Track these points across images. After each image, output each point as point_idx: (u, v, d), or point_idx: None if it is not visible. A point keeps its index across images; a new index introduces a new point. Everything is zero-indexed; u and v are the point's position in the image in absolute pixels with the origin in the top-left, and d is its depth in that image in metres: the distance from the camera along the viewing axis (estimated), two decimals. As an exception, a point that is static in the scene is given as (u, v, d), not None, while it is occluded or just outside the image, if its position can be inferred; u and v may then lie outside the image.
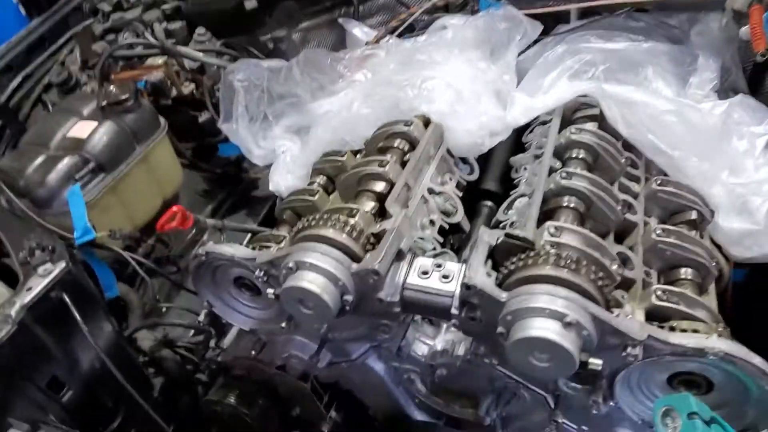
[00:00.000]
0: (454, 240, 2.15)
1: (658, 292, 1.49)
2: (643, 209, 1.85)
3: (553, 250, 1.39)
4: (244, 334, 2.03)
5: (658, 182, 1.86)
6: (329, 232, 1.54)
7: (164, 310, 2.36)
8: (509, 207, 1.95)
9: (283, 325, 1.68)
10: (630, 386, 1.47)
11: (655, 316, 1.43)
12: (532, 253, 1.39)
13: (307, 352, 1.84)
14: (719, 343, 1.27)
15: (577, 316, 1.25)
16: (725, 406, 1.40)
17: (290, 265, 1.49)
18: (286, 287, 1.48)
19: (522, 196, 1.93)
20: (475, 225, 2.14)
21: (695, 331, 1.36)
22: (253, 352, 1.91)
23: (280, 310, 1.77)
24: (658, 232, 1.68)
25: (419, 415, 1.98)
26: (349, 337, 1.76)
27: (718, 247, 1.80)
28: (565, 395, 1.56)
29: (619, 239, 1.79)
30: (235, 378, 2.12)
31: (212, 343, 2.10)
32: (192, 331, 2.27)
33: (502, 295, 1.35)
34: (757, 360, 1.25)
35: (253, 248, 1.77)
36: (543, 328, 1.25)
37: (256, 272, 1.61)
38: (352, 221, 1.58)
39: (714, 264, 1.67)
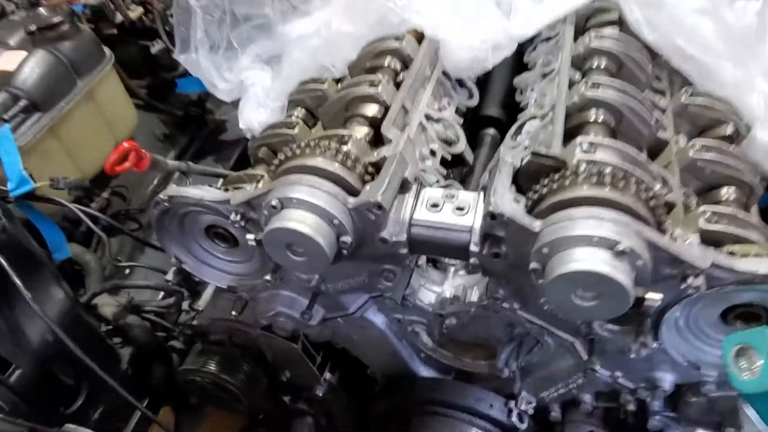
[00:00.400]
0: (455, 174, 1.90)
1: (707, 215, 1.28)
2: (673, 126, 1.63)
3: (591, 166, 1.15)
4: (221, 293, 1.77)
5: (689, 93, 1.63)
6: (318, 161, 1.27)
7: (127, 271, 2.07)
8: (518, 132, 1.71)
9: (268, 277, 1.42)
10: (677, 325, 1.27)
11: (703, 241, 1.22)
12: (567, 172, 1.15)
13: (296, 308, 1.59)
14: (794, 267, 1.07)
15: (630, 242, 1.02)
16: (786, 340, 1.22)
17: (273, 203, 1.22)
18: (269, 230, 1.21)
19: (533, 118, 1.68)
20: (479, 156, 1.89)
21: (757, 255, 1.15)
22: (234, 313, 1.66)
23: (263, 262, 1.51)
24: (696, 147, 1.46)
25: (425, 371, 1.78)
26: (345, 287, 1.52)
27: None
28: (600, 339, 1.36)
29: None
30: (214, 343, 1.87)
31: (185, 305, 1.84)
32: (161, 294, 1.99)
33: (535, 224, 1.11)
34: (839, 284, 1.06)
35: (226, 191, 1.48)
36: (590, 260, 1.02)
37: (231, 217, 1.34)
38: (344, 148, 1.30)
39: (759, 181, 1.47)
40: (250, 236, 1.31)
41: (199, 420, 2.21)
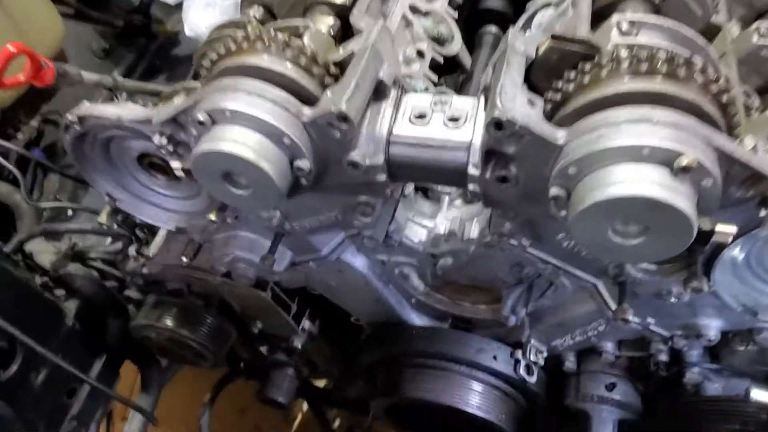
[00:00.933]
0: (448, 83, 1.56)
1: (781, 117, 0.97)
2: (726, 8, 1.27)
3: (638, 50, 0.82)
4: (174, 236, 1.48)
5: (748, -34, 1.26)
6: (263, 60, 0.93)
7: (70, 213, 1.77)
8: (527, 25, 1.36)
9: (213, 217, 1.13)
10: (734, 263, 0.99)
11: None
12: (603, 59, 0.82)
13: (256, 251, 1.31)
14: None
15: (697, 154, 0.71)
16: None
17: (200, 117, 0.90)
18: (197, 154, 0.90)
19: (546, 6, 1.33)
20: (478, 59, 1.55)
21: None
22: (184, 259, 1.38)
23: (213, 198, 1.21)
24: (761, 32, 1.12)
25: (417, 319, 1.53)
26: (314, 225, 1.22)
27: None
28: (633, 281, 1.09)
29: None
30: (171, 293, 1.60)
31: (131, 250, 1.56)
32: (109, 238, 1.71)
33: (559, 135, 0.80)
34: None
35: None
36: (639, 181, 0.72)
37: (155, 139, 1.03)
38: (298, 42, 0.96)
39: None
40: (176, 164, 0.99)
41: (169, 373, 1.99)
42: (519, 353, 1.40)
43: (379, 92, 0.96)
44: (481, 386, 1.42)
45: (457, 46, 1.39)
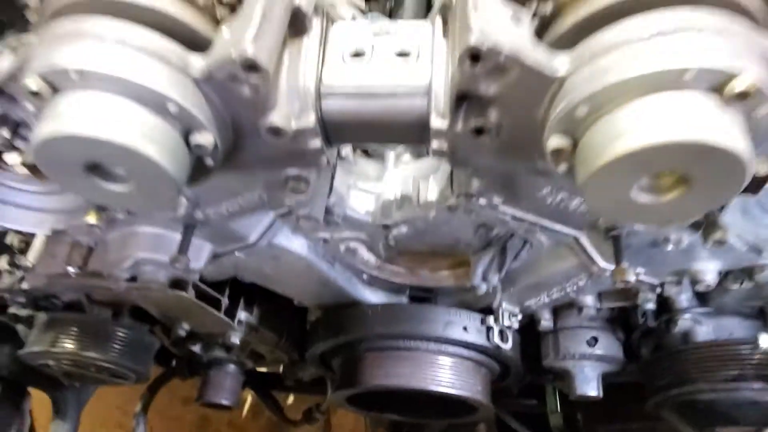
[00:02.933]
0: (374, 9, 1.29)
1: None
2: None
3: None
4: (55, 238, 1.16)
5: None
6: (117, -8, 0.63)
7: None
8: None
9: (92, 220, 0.84)
10: (745, 203, 0.84)
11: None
12: (605, -47, 0.59)
13: (164, 249, 1.03)
14: None
15: (755, 74, 0.52)
16: None
17: (31, 85, 0.60)
18: (37, 142, 0.60)
19: None
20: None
21: None
22: (71, 269, 1.07)
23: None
24: None
25: (372, 296, 1.32)
26: (234, 210, 0.96)
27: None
28: (628, 233, 0.92)
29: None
30: (68, 307, 1.29)
31: (3, 262, 1.22)
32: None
33: (558, 63, 0.58)
34: None
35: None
36: (683, 121, 0.52)
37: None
38: (169, -39, 0.66)
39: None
40: (13, 158, 0.69)
41: (88, 390, 1.70)
42: (491, 319, 1.24)
43: (296, 25, 0.69)
44: (452, 361, 1.25)
45: (383, -38, 1.12)
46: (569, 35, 0.59)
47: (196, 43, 0.64)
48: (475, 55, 0.57)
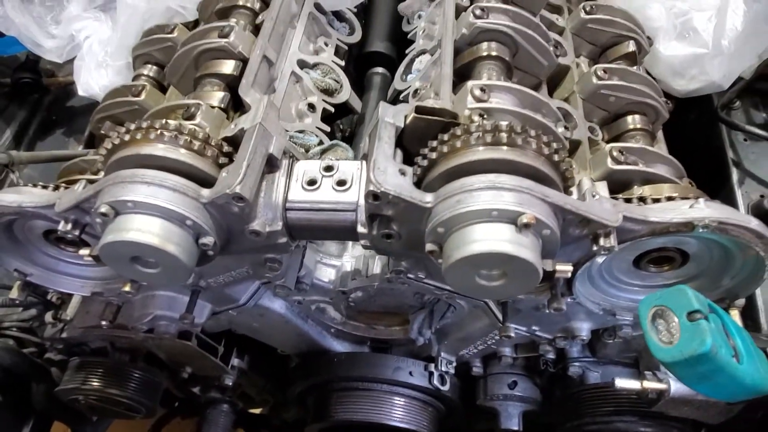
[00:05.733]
0: (345, 125, 1.68)
1: (614, 153, 1.16)
2: (572, 48, 1.47)
3: (484, 122, 0.97)
4: (89, 299, 1.50)
5: (587, 9, 1.47)
6: (157, 149, 1.00)
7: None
8: (407, 70, 1.49)
9: (127, 289, 1.18)
10: (590, 276, 1.17)
11: (611, 184, 1.10)
12: (457, 131, 0.96)
13: (176, 308, 1.37)
14: (707, 210, 0.97)
15: (534, 211, 0.87)
16: (698, 278, 1.15)
17: (103, 209, 0.96)
18: (103, 244, 0.96)
19: (423, 53, 1.47)
20: (368, 101, 1.67)
21: (669, 198, 1.05)
22: (104, 322, 1.41)
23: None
24: (598, 73, 1.32)
25: (339, 345, 1.64)
26: (228, 280, 1.31)
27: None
28: (514, 300, 1.25)
29: (549, 90, 1.42)
30: (95, 352, 1.62)
31: (48, 316, 1.56)
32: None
33: (427, 199, 0.94)
34: (753, 224, 0.97)
35: (57, 187, 1.19)
36: (491, 239, 0.87)
37: (61, 226, 1.07)
38: (190, 126, 1.04)
39: (663, 102, 1.36)
40: (84, 252, 1.04)
41: (104, 424, 2.00)
42: (432, 366, 1.55)
43: (271, 165, 1.06)
44: (402, 400, 1.55)
45: (346, 94, 1.51)
46: (436, 182, 0.95)
47: (205, 180, 1.01)
48: (374, 195, 0.93)
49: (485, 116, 1.03)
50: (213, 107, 1.16)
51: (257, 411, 2.36)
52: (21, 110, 2.02)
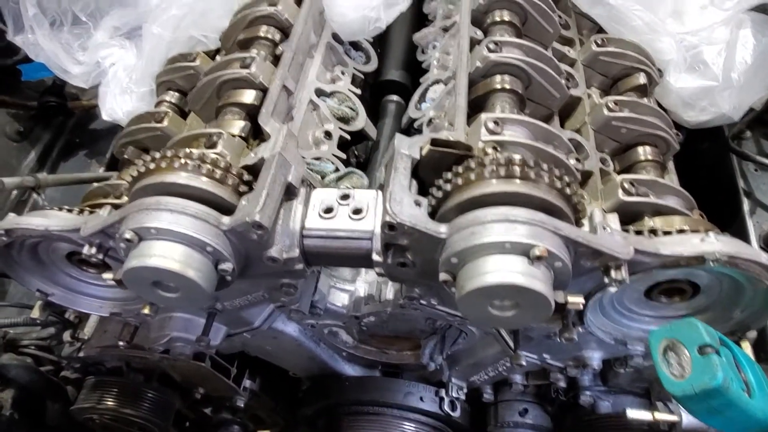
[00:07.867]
0: (360, 151, 1.72)
1: (625, 185, 1.18)
2: (584, 79, 1.50)
3: (498, 155, 1.00)
4: (107, 319, 1.53)
5: (598, 42, 1.50)
6: (180, 177, 1.04)
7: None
8: (422, 99, 1.53)
9: (147, 311, 1.21)
10: (601, 306, 1.19)
11: (622, 215, 1.11)
12: (471, 163, 0.99)
13: (192, 330, 1.40)
14: (718, 244, 0.99)
15: (546, 244, 0.89)
16: (709, 310, 1.16)
17: (127, 235, 0.99)
18: (127, 269, 0.99)
19: (437, 82, 1.50)
20: (383, 128, 1.71)
21: (680, 231, 1.06)
22: (122, 343, 1.44)
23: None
24: (610, 105, 1.35)
25: (350, 369, 1.65)
26: (244, 304, 1.33)
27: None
28: (525, 328, 1.27)
29: (561, 121, 1.44)
30: (110, 372, 1.65)
31: (66, 336, 1.59)
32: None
33: (441, 230, 0.96)
34: (763, 258, 0.98)
35: (82, 211, 1.23)
36: (503, 271, 0.89)
37: (85, 250, 1.10)
38: (212, 155, 1.08)
39: (674, 133, 1.38)
40: (107, 275, 1.08)
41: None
42: (443, 391, 1.56)
43: (289, 193, 1.09)
44: (412, 425, 1.56)
45: (361, 122, 1.54)
46: (450, 213, 0.98)
47: (226, 208, 1.04)
48: (390, 226, 0.95)
49: (498, 149, 1.06)
50: (234, 135, 1.20)
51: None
52: (45, 132, 2.09)
